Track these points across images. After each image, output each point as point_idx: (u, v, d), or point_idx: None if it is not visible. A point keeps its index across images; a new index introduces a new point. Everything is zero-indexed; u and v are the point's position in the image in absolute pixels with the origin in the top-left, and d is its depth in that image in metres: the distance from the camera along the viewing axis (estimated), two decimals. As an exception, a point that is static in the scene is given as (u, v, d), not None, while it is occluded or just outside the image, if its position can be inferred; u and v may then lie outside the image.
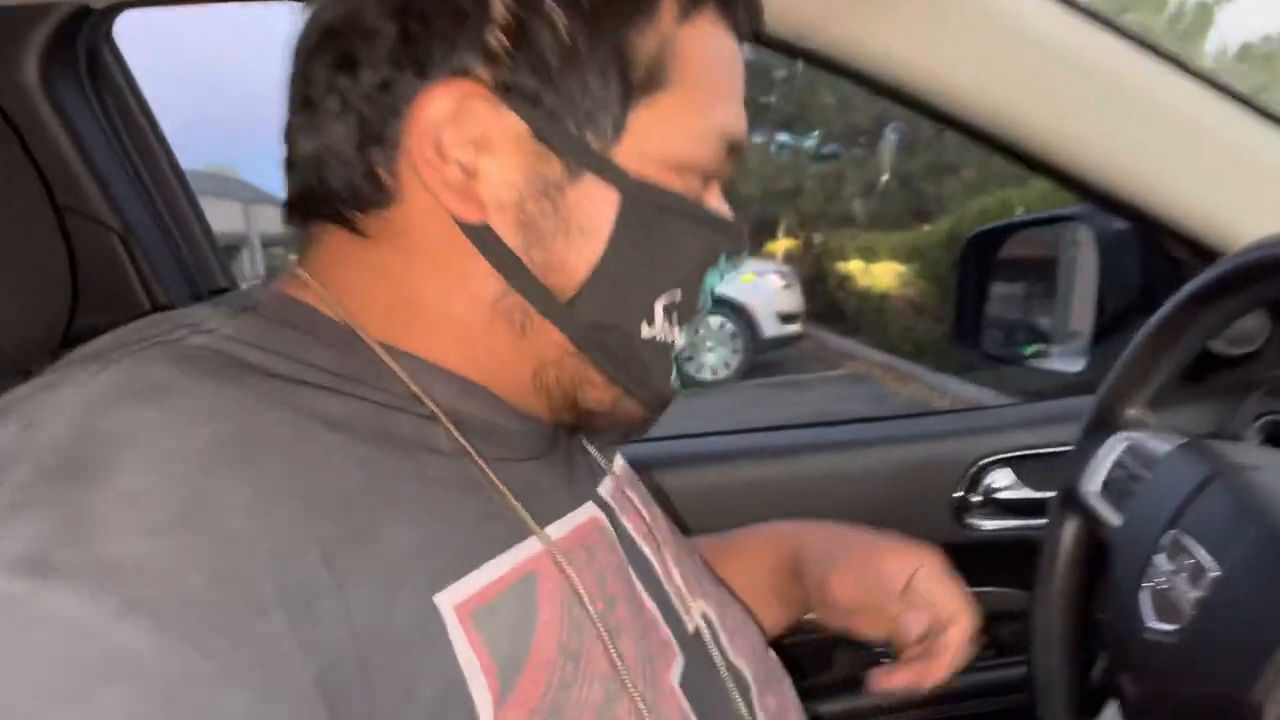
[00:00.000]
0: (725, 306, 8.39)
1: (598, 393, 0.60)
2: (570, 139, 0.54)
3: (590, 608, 0.56)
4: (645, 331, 0.59)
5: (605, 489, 0.69)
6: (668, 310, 0.60)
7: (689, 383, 0.83)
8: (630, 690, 0.56)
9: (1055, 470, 1.22)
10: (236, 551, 0.41)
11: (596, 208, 0.56)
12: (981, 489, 1.23)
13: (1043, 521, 0.97)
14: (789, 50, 0.99)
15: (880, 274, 10.06)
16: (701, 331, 8.29)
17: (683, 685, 0.62)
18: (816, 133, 12.67)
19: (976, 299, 1.42)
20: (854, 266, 10.61)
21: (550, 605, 0.54)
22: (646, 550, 0.68)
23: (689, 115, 0.57)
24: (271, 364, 0.50)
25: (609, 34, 0.54)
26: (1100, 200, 1.08)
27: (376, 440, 0.50)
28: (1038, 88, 0.96)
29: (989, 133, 1.01)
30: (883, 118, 11.47)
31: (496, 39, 0.53)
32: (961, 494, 1.23)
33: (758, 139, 12.72)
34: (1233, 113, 0.99)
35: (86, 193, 0.93)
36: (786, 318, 8.83)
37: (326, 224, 0.58)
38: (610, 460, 0.75)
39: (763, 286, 8.68)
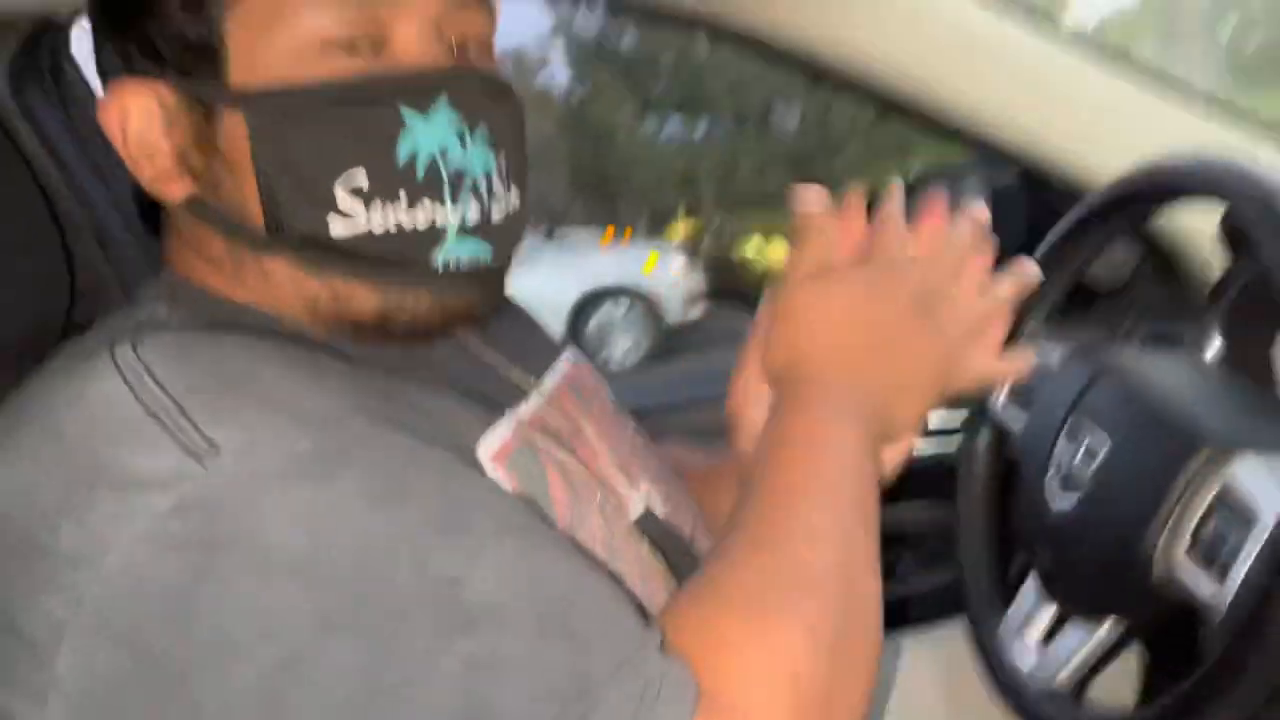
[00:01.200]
0: (629, 293, 8.49)
1: (364, 300, 0.59)
2: (197, 85, 0.58)
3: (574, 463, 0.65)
4: (344, 224, 0.57)
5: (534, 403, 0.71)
6: (358, 192, 0.57)
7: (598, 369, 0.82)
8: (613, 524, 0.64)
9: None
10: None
11: (236, 138, 0.58)
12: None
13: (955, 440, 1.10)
14: (713, 27, 1.09)
15: (779, 252, 10.31)
16: (608, 319, 8.40)
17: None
18: (707, 117, 12.88)
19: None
20: (753, 245, 10.85)
21: (548, 460, 0.63)
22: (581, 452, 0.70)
23: (282, 21, 0.57)
24: (234, 322, 0.59)
25: None
26: (987, 151, 1.21)
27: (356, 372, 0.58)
28: (933, 52, 1.09)
29: (892, 98, 1.14)
30: (770, 99, 11.73)
31: (117, 32, 0.60)
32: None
33: (649, 127, 12.87)
34: (1096, 67, 1.14)
35: (60, 194, 0.98)
36: (691, 300, 8.99)
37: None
38: (540, 371, 0.76)
39: (665, 271, 8.82)
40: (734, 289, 10.61)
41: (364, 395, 0.55)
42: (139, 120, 0.60)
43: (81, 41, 1.04)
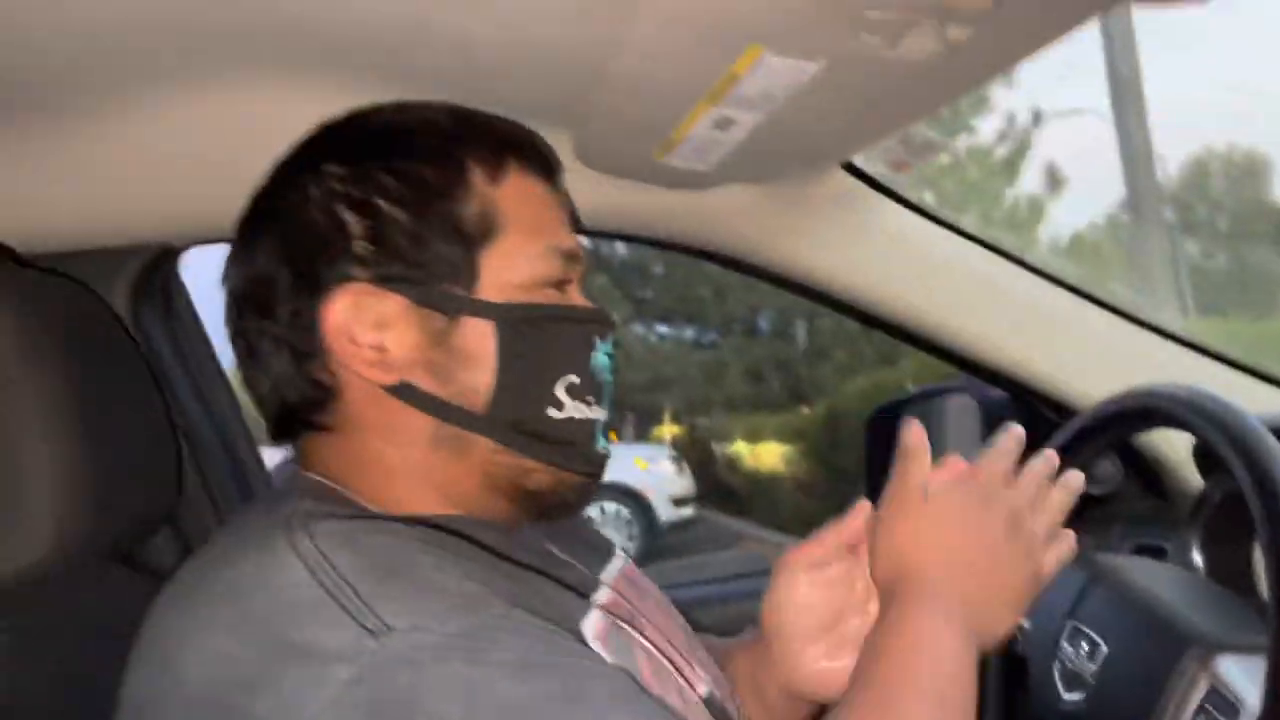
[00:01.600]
0: (620, 492, 8.53)
1: (538, 475, 0.72)
2: (440, 296, 0.70)
3: (650, 646, 0.74)
4: (556, 414, 0.72)
5: (599, 597, 0.79)
6: (570, 391, 0.72)
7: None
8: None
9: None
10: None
11: (479, 338, 0.70)
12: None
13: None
14: (736, 266, 1.25)
15: (765, 455, 10.43)
16: (598, 519, 8.41)
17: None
18: (695, 324, 13.29)
19: (884, 464, 1.65)
20: (740, 449, 10.97)
21: (634, 643, 0.72)
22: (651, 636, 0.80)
23: (525, 246, 0.72)
24: (370, 520, 0.67)
25: (437, 214, 0.71)
26: (977, 372, 1.35)
27: (475, 559, 0.67)
28: (929, 287, 1.24)
29: (887, 322, 1.28)
30: (757, 307, 12.16)
31: (359, 247, 0.71)
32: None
33: (639, 330, 13.24)
34: (1074, 301, 1.29)
35: (163, 400, 1.10)
36: (680, 501, 9.03)
37: (304, 433, 0.75)
38: (599, 572, 0.85)
39: (655, 472, 8.90)
40: (722, 491, 10.67)
41: (495, 581, 0.64)
42: (360, 319, 0.70)
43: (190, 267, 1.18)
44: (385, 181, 0.72)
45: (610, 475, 0.81)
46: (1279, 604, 0.75)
